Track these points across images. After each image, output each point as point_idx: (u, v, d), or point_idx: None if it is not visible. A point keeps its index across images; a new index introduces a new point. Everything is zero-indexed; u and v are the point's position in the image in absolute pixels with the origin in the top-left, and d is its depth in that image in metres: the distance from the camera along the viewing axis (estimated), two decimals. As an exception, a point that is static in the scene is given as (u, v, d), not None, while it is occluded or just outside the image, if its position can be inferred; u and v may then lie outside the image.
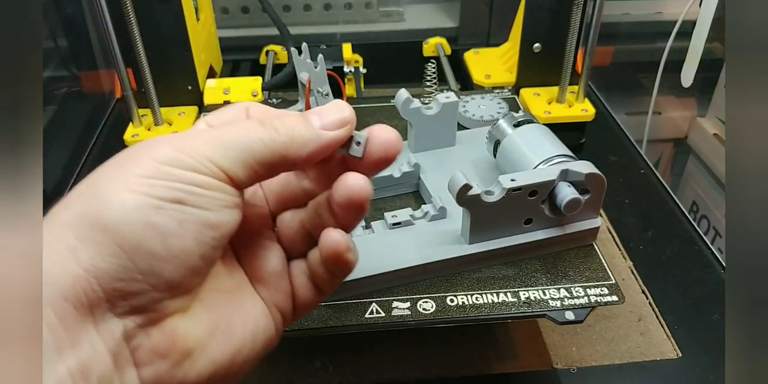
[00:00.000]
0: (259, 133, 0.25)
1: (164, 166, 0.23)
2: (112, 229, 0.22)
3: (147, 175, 0.23)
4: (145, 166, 0.23)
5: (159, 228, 0.23)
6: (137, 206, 0.22)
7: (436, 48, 0.80)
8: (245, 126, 0.25)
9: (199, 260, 0.24)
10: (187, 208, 0.23)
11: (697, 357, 0.47)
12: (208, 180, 0.24)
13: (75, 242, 0.22)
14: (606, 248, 0.56)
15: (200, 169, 0.24)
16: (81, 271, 0.22)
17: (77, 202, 0.23)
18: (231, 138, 0.25)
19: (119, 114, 0.76)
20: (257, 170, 0.25)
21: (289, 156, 0.25)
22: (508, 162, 0.46)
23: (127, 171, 0.23)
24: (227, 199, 0.24)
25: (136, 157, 0.24)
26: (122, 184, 0.23)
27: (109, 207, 0.22)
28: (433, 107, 0.49)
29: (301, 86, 0.56)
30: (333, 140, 0.26)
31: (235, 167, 0.24)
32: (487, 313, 0.39)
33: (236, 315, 0.27)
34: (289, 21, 0.71)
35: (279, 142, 0.25)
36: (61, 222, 0.23)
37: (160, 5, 0.56)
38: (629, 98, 0.93)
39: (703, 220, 0.85)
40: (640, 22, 0.92)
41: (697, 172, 0.89)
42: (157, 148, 0.24)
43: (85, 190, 0.24)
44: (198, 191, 0.24)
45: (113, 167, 0.24)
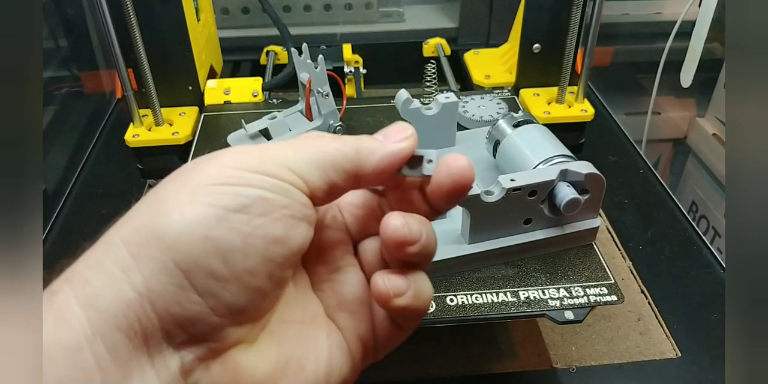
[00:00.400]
0: (332, 142, 0.24)
1: (231, 170, 0.21)
2: (169, 243, 0.20)
3: (212, 182, 0.21)
4: (211, 173, 0.22)
5: (219, 243, 0.20)
6: (198, 218, 0.20)
7: (436, 48, 0.80)
8: (316, 136, 0.24)
9: (265, 281, 0.22)
10: (252, 218, 0.21)
11: (696, 357, 0.47)
12: (277, 183, 0.22)
13: (129, 261, 0.20)
14: (605, 248, 0.56)
15: (273, 172, 0.22)
16: (135, 295, 0.20)
17: (136, 217, 0.22)
18: (305, 144, 0.23)
19: (120, 114, 0.76)
20: (332, 176, 0.23)
21: (362, 162, 0.24)
22: (507, 162, 0.46)
23: (191, 179, 0.22)
24: (299, 209, 0.22)
25: (203, 165, 0.22)
26: (185, 194, 0.21)
27: (168, 220, 0.20)
28: (433, 107, 0.49)
29: (302, 86, 0.57)
30: (399, 150, 0.25)
31: (311, 170, 0.22)
32: (487, 312, 0.39)
33: (309, 350, 0.24)
34: (289, 21, 0.71)
35: (351, 149, 0.24)
36: (117, 239, 0.21)
37: (161, 5, 0.56)
38: (629, 98, 0.93)
39: (703, 220, 0.85)
40: (639, 23, 0.92)
41: (696, 172, 0.89)
42: (229, 153, 0.22)
43: (146, 203, 0.22)
44: (268, 196, 0.21)
45: (177, 177, 0.22)
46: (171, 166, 0.60)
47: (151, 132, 0.58)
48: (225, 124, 0.59)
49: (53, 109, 0.73)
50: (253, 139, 0.54)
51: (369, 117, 0.59)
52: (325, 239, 0.26)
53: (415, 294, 0.24)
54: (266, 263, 0.21)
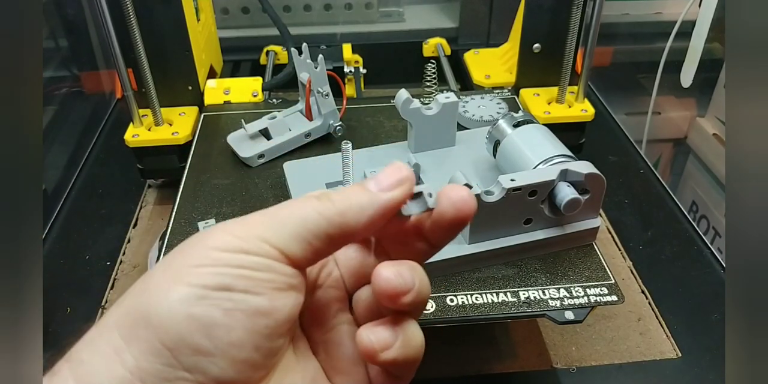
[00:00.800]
0: (314, 205, 0.23)
1: (214, 252, 0.22)
2: (155, 324, 0.21)
3: (195, 264, 0.22)
4: (196, 255, 0.22)
5: (202, 320, 0.21)
6: (180, 298, 0.21)
7: (436, 48, 0.80)
8: (300, 200, 0.24)
9: (252, 352, 0.22)
10: (234, 294, 0.21)
11: (696, 357, 0.47)
12: (258, 260, 0.22)
13: (120, 343, 0.21)
14: (606, 248, 0.56)
15: (250, 249, 0.22)
16: (126, 373, 0.21)
17: (127, 300, 0.22)
18: (286, 213, 0.23)
19: (120, 114, 0.76)
20: (314, 244, 0.23)
21: (348, 224, 0.23)
22: (507, 162, 0.46)
23: (178, 262, 0.22)
24: (280, 280, 0.23)
25: (190, 247, 0.23)
26: (170, 276, 0.22)
27: (154, 301, 0.21)
28: (433, 107, 0.49)
29: (302, 86, 0.57)
30: (391, 201, 0.24)
31: (290, 243, 0.23)
32: (487, 313, 0.39)
33: None
34: (289, 21, 0.71)
35: (335, 211, 0.23)
36: (111, 322, 0.22)
37: (161, 5, 0.56)
38: (629, 98, 0.93)
39: (703, 220, 0.85)
40: (639, 23, 0.92)
41: (696, 172, 0.89)
42: (213, 234, 0.23)
43: (137, 286, 0.23)
44: (246, 274, 0.22)
45: (167, 260, 0.23)
46: (171, 166, 0.61)
47: (150, 132, 0.58)
48: (225, 124, 0.59)
49: (53, 109, 0.73)
50: (253, 139, 0.54)
51: (369, 117, 0.59)
52: (318, 300, 0.26)
53: (404, 344, 0.24)
54: (251, 335, 0.22)
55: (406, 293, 0.23)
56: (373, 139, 0.55)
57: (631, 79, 0.96)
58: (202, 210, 0.48)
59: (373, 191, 0.24)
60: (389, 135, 0.56)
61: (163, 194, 0.64)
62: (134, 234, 0.59)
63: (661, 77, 0.79)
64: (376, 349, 0.23)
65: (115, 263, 0.55)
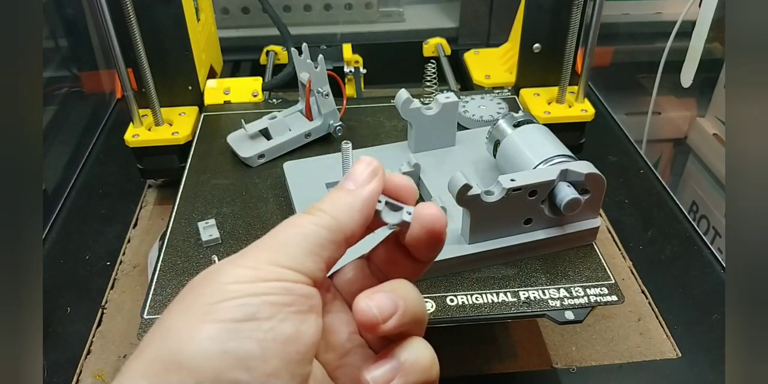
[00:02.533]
0: (308, 220, 0.24)
1: (229, 285, 0.22)
2: (188, 365, 0.20)
3: (214, 301, 0.22)
4: (210, 292, 0.22)
5: (237, 353, 0.21)
6: (210, 336, 0.21)
7: (436, 48, 0.80)
8: (292, 221, 0.24)
9: (289, 381, 0.22)
10: (262, 323, 0.21)
11: (696, 357, 0.47)
12: (276, 285, 0.22)
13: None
14: (606, 248, 0.56)
15: (266, 276, 0.22)
16: None
17: (149, 349, 0.22)
18: (285, 235, 0.24)
19: (120, 114, 0.76)
20: (323, 255, 0.24)
21: (346, 225, 0.24)
22: (508, 162, 0.46)
23: (193, 301, 0.22)
24: (303, 302, 0.23)
25: (200, 286, 0.23)
26: (191, 316, 0.21)
27: (181, 343, 0.21)
28: (433, 107, 0.49)
29: (302, 86, 0.57)
30: (372, 192, 0.25)
31: (301, 260, 0.23)
32: (487, 313, 0.39)
33: None
34: (289, 21, 0.71)
35: (329, 218, 0.24)
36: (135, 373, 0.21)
37: (161, 5, 0.56)
38: (629, 98, 0.93)
39: (703, 220, 0.85)
40: (639, 23, 0.92)
41: (696, 172, 0.89)
42: (222, 271, 0.23)
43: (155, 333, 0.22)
44: (269, 300, 0.22)
45: (179, 302, 0.23)
46: (171, 166, 0.61)
47: (150, 132, 0.58)
48: (225, 124, 0.59)
49: (53, 109, 0.73)
50: (253, 139, 0.54)
51: (369, 117, 0.59)
52: (330, 325, 0.26)
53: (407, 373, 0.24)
54: (286, 363, 0.22)
55: (386, 320, 0.23)
56: (373, 139, 0.55)
57: (631, 79, 0.96)
58: (202, 210, 0.48)
59: (353, 189, 0.25)
60: (389, 135, 0.56)
61: (163, 194, 0.64)
62: (134, 234, 0.59)
63: (661, 77, 0.79)
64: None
65: (115, 263, 0.55)
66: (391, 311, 0.23)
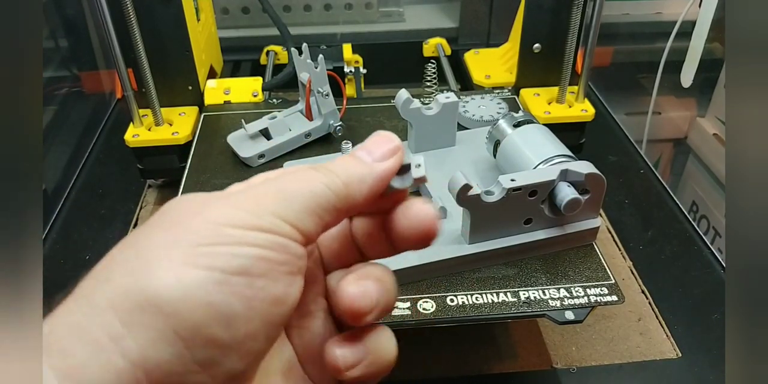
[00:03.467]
0: (320, 178, 0.22)
1: (224, 228, 0.20)
2: (168, 311, 0.18)
3: (206, 242, 0.20)
4: (202, 230, 0.20)
5: (222, 310, 0.19)
6: (198, 283, 0.19)
7: (436, 48, 0.80)
8: (303, 173, 0.22)
9: (264, 343, 0.20)
10: (253, 280, 0.20)
11: (696, 357, 0.47)
12: (273, 239, 0.20)
13: (119, 329, 0.18)
14: (606, 248, 0.56)
15: (265, 226, 0.20)
16: (127, 364, 0.18)
17: (120, 275, 0.19)
18: (295, 187, 0.22)
19: (120, 114, 0.76)
20: (324, 218, 0.22)
21: (353, 196, 0.22)
22: (508, 162, 0.46)
23: (180, 237, 0.20)
24: (295, 263, 0.21)
25: (187, 219, 0.20)
26: (177, 254, 0.19)
27: (163, 285, 0.19)
28: (433, 107, 0.49)
29: (302, 86, 0.57)
30: (387, 171, 0.23)
31: (304, 219, 0.21)
32: (487, 313, 0.39)
33: None
34: (289, 21, 0.71)
35: (340, 184, 0.22)
36: (102, 302, 0.19)
37: (161, 5, 0.56)
38: (629, 98, 0.93)
39: (703, 220, 0.85)
40: (639, 23, 0.92)
41: (696, 172, 0.89)
42: (212, 206, 0.21)
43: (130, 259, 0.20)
44: (264, 255, 0.20)
45: (160, 231, 0.20)
46: (171, 166, 0.60)
47: (150, 132, 0.58)
48: (225, 124, 0.59)
49: (53, 109, 0.73)
50: (253, 139, 0.54)
51: (369, 117, 0.59)
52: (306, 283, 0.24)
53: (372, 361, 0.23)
54: (267, 326, 0.20)
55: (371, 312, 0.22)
56: (373, 139, 0.55)
57: (631, 79, 0.96)
58: (202, 210, 0.48)
59: (368, 162, 0.23)
60: (389, 135, 0.56)
61: (163, 194, 0.64)
62: (134, 234, 0.59)
63: (661, 77, 0.79)
64: (340, 367, 0.23)
65: (115, 263, 0.55)
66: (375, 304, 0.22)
